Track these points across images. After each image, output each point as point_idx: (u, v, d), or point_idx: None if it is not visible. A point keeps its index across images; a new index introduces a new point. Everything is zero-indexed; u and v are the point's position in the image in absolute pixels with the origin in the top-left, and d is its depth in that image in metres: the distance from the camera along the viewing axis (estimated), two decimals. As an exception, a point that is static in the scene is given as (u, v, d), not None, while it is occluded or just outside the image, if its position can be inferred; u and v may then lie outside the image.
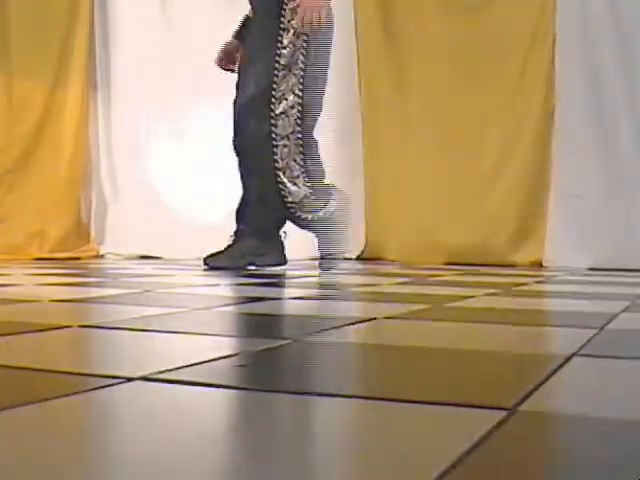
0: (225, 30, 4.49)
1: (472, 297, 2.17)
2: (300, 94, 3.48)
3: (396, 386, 0.98)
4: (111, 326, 1.45)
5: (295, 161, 3.48)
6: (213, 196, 4.46)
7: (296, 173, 3.48)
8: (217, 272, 3.31)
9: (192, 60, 4.52)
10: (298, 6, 3.40)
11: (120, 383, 0.94)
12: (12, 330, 1.37)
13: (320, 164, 3.60)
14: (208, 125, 4.54)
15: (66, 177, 4.80)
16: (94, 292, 2.30)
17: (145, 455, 0.67)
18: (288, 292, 2.38)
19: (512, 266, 4.09)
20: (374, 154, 4.59)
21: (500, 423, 0.77)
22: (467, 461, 0.65)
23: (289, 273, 3.30)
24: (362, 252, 4.59)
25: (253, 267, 3.53)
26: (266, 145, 3.46)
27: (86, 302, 2.00)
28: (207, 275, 3.17)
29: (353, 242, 4.61)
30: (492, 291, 2.42)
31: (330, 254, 3.54)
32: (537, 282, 2.99)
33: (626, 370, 1.12)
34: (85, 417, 0.83)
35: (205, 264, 3.55)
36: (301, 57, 3.48)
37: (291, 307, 2.00)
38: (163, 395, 0.91)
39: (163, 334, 1.43)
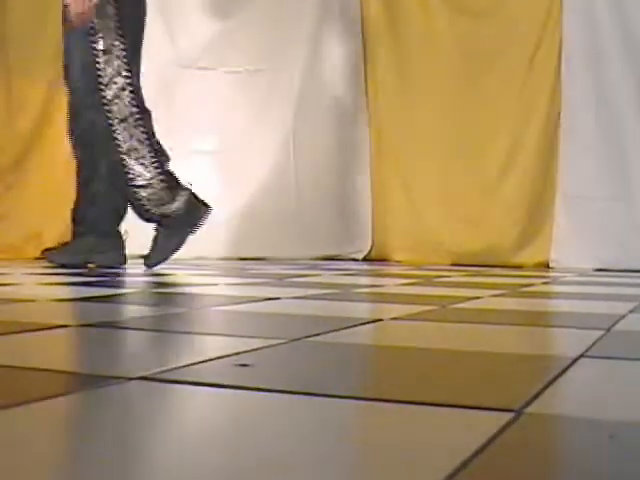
0: (225, 32, 4.50)
1: (478, 298, 2.16)
2: (128, 74, 3.40)
3: (402, 388, 0.97)
4: (110, 326, 1.45)
5: (139, 141, 3.41)
6: (211, 196, 4.45)
7: (142, 152, 3.40)
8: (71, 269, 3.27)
9: (191, 60, 4.52)
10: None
11: (120, 383, 0.93)
12: (11, 330, 1.36)
13: (161, 145, 3.51)
14: (206, 125, 4.54)
15: (64, 177, 4.78)
16: (93, 292, 2.29)
17: (145, 455, 0.66)
18: (287, 292, 2.37)
19: (519, 267, 4.08)
20: (381, 156, 4.59)
21: (507, 425, 0.76)
22: (474, 463, 0.64)
23: (287, 273, 3.29)
24: (368, 253, 4.59)
25: (92, 264, 3.42)
26: (106, 132, 3.39)
27: (85, 302, 1.99)
28: (207, 275, 3.16)
29: (360, 243, 4.62)
30: (499, 292, 2.41)
31: (160, 253, 3.44)
32: (544, 283, 2.98)
33: (633, 371, 1.11)
34: (85, 417, 0.83)
35: (47, 258, 3.48)
36: (119, 38, 3.39)
37: (292, 307, 1.99)
38: (163, 395, 0.90)
39: (163, 334, 1.43)
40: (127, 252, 3.50)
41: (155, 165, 3.42)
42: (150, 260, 3.42)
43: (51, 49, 4.73)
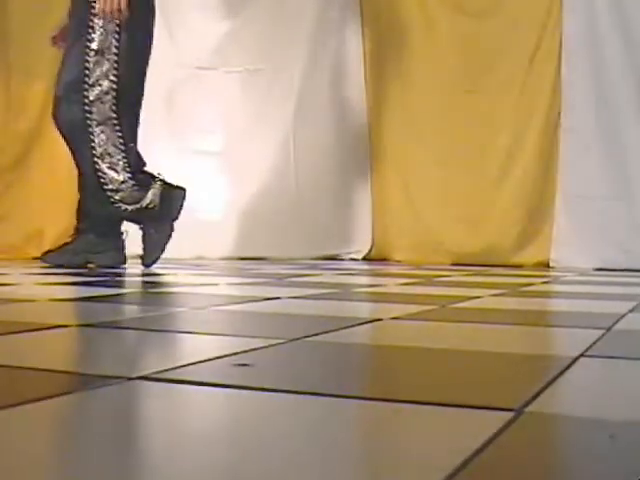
0: (225, 31, 4.50)
1: (478, 298, 2.16)
2: (115, 79, 3.37)
3: (401, 387, 0.97)
4: (110, 326, 1.44)
5: (115, 146, 3.38)
6: (211, 195, 4.45)
7: (116, 158, 3.38)
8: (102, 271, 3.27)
9: (191, 59, 4.51)
10: None
11: (120, 383, 0.93)
12: (11, 330, 1.36)
13: (136, 151, 3.48)
14: (206, 125, 4.54)
15: (64, 176, 4.78)
16: (92, 292, 2.29)
17: (145, 455, 0.66)
18: (287, 292, 2.36)
19: (519, 267, 4.07)
20: (381, 155, 4.59)
21: (507, 424, 0.76)
22: (474, 463, 0.64)
23: (287, 273, 3.29)
24: (369, 253, 4.59)
25: (91, 265, 3.41)
26: (83, 132, 3.37)
27: (84, 302, 1.99)
28: (205, 275, 3.16)
29: (360, 243, 4.62)
30: (499, 292, 2.41)
31: (153, 249, 3.41)
32: (544, 283, 2.97)
33: (634, 371, 1.10)
34: (85, 417, 0.82)
35: (43, 260, 3.45)
36: (114, 42, 3.36)
37: (292, 307, 1.98)
38: (163, 395, 0.90)
39: (163, 334, 1.43)
40: (127, 252, 3.49)
41: (127, 170, 3.41)
42: (147, 259, 3.41)
43: (51, 49, 4.73)
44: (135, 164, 3.44)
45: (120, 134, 3.40)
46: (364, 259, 4.55)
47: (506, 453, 0.68)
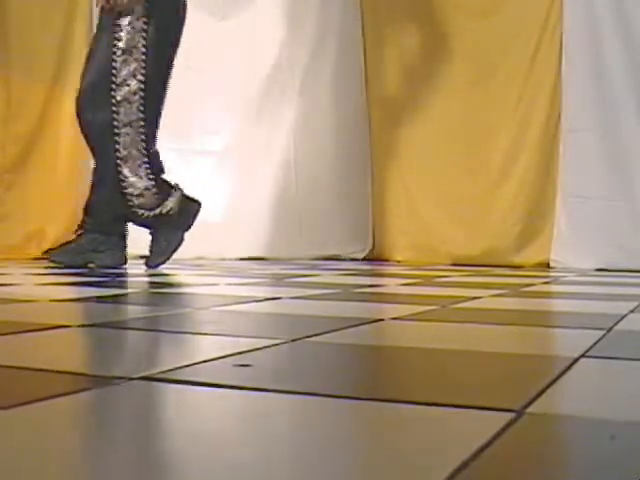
0: (227, 31, 4.50)
1: (479, 298, 2.16)
2: (143, 79, 3.33)
3: (402, 388, 0.97)
4: (110, 326, 1.44)
5: (138, 150, 3.35)
6: (211, 196, 4.45)
7: (138, 162, 3.36)
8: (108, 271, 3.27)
9: (190, 59, 4.51)
10: None
11: (120, 383, 0.92)
12: (12, 329, 1.36)
13: (158, 156, 3.47)
14: (206, 125, 4.54)
15: (64, 177, 4.78)
16: (93, 292, 2.29)
17: (145, 455, 0.66)
18: (288, 292, 2.36)
19: (519, 267, 4.07)
20: (381, 156, 4.59)
21: (508, 425, 0.76)
22: (475, 463, 0.63)
23: (288, 273, 3.29)
24: (369, 253, 4.59)
25: (92, 264, 3.40)
26: (108, 133, 3.34)
27: (85, 302, 1.99)
28: (206, 275, 3.16)
29: (360, 243, 4.62)
30: (499, 292, 2.40)
31: (161, 254, 3.42)
32: (544, 283, 2.97)
33: (634, 371, 1.10)
34: (85, 417, 0.82)
35: (49, 258, 3.44)
36: (142, 40, 3.33)
37: (292, 307, 1.98)
38: (163, 395, 0.90)
39: (163, 334, 1.43)
40: (127, 252, 3.49)
41: (149, 175, 3.39)
42: (152, 261, 3.42)
43: (52, 48, 4.73)
44: (157, 168, 3.43)
45: (144, 137, 3.37)
46: (365, 259, 4.55)
47: (507, 454, 0.68)
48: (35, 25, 4.59)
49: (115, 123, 3.33)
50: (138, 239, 3.53)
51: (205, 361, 1.08)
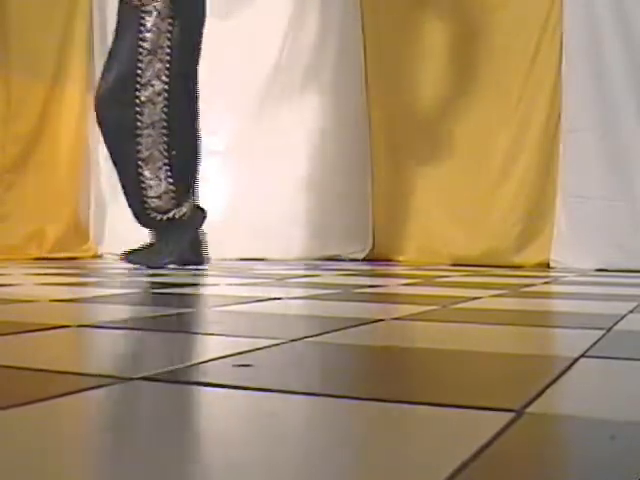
0: (227, 31, 4.50)
1: (479, 298, 2.16)
2: (167, 80, 3.33)
3: (402, 388, 0.97)
4: (110, 326, 1.44)
5: (159, 151, 3.34)
6: (211, 196, 4.45)
7: (159, 164, 3.35)
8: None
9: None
10: None
11: (120, 383, 0.92)
12: (12, 330, 1.36)
13: (189, 157, 3.47)
14: (206, 125, 4.53)
15: (65, 177, 4.79)
16: (93, 292, 2.29)
17: (145, 455, 0.66)
18: (288, 292, 2.36)
19: (519, 267, 4.07)
20: (381, 156, 4.58)
21: (508, 425, 0.76)
22: (474, 464, 0.63)
23: (288, 273, 3.29)
24: (369, 253, 4.59)
25: (173, 265, 3.43)
26: (130, 134, 3.32)
27: (85, 302, 1.99)
28: (205, 275, 3.16)
29: (361, 243, 4.62)
30: (499, 292, 2.40)
31: (155, 253, 3.41)
32: (544, 283, 2.97)
33: (634, 371, 1.10)
34: (85, 417, 0.83)
35: (125, 259, 3.44)
36: (166, 41, 3.32)
37: (293, 307, 1.99)
38: (164, 395, 0.90)
39: (163, 334, 1.43)
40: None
41: (169, 180, 3.38)
42: (136, 257, 3.39)
43: (52, 48, 4.73)
44: (179, 171, 3.41)
45: (166, 138, 3.35)
46: (365, 259, 4.55)
47: (506, 454, 0.68)
48: (35, 25, 4.59)
49: (138, 124, 3.32)
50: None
51: (205, 361, 1.08)
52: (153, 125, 3.32)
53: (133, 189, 3.38)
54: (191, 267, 3.43)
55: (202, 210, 3.52)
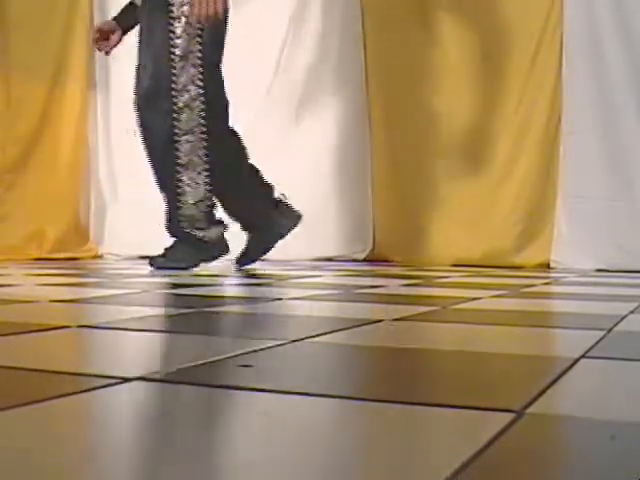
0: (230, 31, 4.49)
1: (479, 299, 2.16)
2: (202, 84, 3.34)
3: (402, 388, 0.97)
4: (111, 326, 1.44)
5: (199, 156, 3.35)
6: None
7: (198, 169, 3.35)
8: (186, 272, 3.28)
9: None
10: None
11: (120, 383, 0.92)
12: (12, 330, 1.36)
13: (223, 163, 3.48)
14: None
15: (65, 177, 4.79)
16: (93, 292, 2.29)
17: (146, 455, 0.66)
18: (288, 292, 2.36)
19: (519, 268, 4.07)
20: (381, 156, 4.58)
21: (508, 426, 0.76)
22: (474, 465, 0.63)
23: (289, 274, 3.29)
24: (370, 253, 4.59)
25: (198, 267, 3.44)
26: (168, 141, 3.32)
27: (85, 302, 1.99)
28: (208, 275, 3.16)
29: (361, 244, 4.61)
30: (499, 293, 2.40)
31: (168, 260, 3.42)
32: (544, 284, 2.97)
33: (635, 372, 1.10)
34: (85, 417, 0.83)
35: (151, 265, 3.45)
36: (197, 46, 3.33)
37: (293, 308, 1.98)
38: (164, 395, 0.90)
39: (164, 334, 1.43)
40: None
41: (207, 187, 3.38)
42: (156, 262, 3.42)
43: (52, 48, 4.74)
44: (217, 177, 3.42)
45: (206, 143, 3.36)
46: (365, 260, 4.55)
47: (507, 454, 0.68)
48: (35, 25, 4.60)
49: (176, 130, 3.32)
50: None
51: (207, 362, 1.08)
52: (192, 131, 3.32)
53: (170, 195, 3.38)
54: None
55: (226, 246, 3.53)
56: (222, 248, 3.48)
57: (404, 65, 4.48)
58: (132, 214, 4.75)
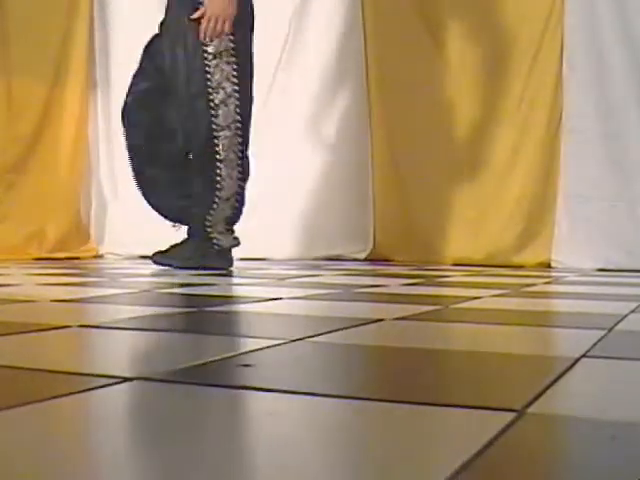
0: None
1: (480, 298, 2.16)
2: (237, 81, 3.36)
3: (403, 388, 0.97)
4: (111, 326, 1.44)
5: (235, 152, 3.38)
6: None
7: (233, 165, 3.38)
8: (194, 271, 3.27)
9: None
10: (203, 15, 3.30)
11: (120, 383, 0.92)
12: (12, 330, 1.36)
13: (248, 163, 3.51)
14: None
15: (65, 177, 4.79)
16: (94, 292, 2.29)
17: (146, 456, 0.66)
18: (289, 292, 2.36)
19: (520, 267, 4.07)
20: (382, 155, 4.58)
21: (509, 425, 0.76)
22: (475, 464, 0.63)
23: (289, 273, 3.29)
24: (370, 253, 4.58)
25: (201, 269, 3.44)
26: (208, 138, 3.36)
27: (86, 302, 1.99)
28: (205, 275, 3.16)
29: (361, 243, 4.61)
30: (500, 292, 2.40)
31: (175, 258, 3.43)
32: (545, 283, 2.97)
33: (635, 371, 1.10)
34: (85, 417, 0.82)
35: (153, 261, 3.45)
36: (230, 44, 3.36)
37: (294, 307, 1.98)
38: (164, 395, 0.90)
39: (164, 334, 1.42)
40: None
41: (239, 183, 3.42)
42: (157, 257, 3.42)
43: (52, 49, 4.74)
44: (247, 174, 3.47)
45: (241, 139, 3.40)
46: (366, 259, 4.55)
47: (507, 454, 0.68)
48: (35, 25, 4.60)
49: (214, 127, 3.35)
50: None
51: (207, 361, 1.08)
52: (229, 127, 3.36)
53: (204, 191, 3.40)
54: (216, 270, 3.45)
55: (230, 260, 3.52)
56: (226, 261, 3.48)
57: (405, 65, 4.48)
58: (132, 214, 4.75)
